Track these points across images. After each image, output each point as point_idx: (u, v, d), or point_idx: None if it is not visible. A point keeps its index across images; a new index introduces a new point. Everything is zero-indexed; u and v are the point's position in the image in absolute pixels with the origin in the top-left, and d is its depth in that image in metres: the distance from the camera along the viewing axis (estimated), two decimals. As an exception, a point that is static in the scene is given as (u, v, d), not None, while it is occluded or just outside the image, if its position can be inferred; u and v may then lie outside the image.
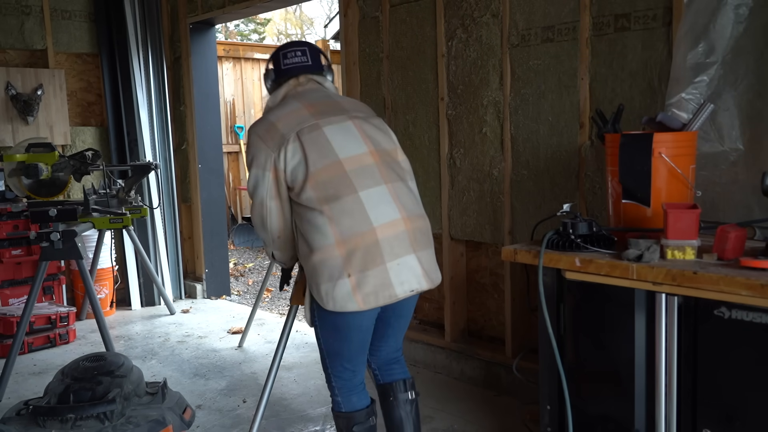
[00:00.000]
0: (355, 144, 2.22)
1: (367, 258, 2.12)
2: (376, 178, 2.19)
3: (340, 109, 2.30)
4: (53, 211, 3.78)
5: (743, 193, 2.44)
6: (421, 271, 2.20)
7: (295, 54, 2.40)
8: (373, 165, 2.21)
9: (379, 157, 2.24)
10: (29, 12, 5.04)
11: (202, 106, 5.49)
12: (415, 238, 2.21)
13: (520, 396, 3.33)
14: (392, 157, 2.28)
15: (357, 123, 2.27)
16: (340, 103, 2.33)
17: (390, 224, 2.16)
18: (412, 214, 2.23)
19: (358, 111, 2.33)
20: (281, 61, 2.42)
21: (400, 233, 2.17)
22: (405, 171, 2.31)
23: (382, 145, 2.27)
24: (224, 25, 11.00)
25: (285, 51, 2.43)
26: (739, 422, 1.88)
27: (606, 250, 2.15)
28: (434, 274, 2.27)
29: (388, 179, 2.21)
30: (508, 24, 3.30)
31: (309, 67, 2.39)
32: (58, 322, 4.45)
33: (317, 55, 2.43)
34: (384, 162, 2.23)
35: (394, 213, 2.18)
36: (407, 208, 2.22)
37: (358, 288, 2.12)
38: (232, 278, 6.24)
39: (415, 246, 2.20)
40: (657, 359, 2.01)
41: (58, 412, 2.62)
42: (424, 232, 2.26)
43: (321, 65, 2.43)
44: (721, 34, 2.46)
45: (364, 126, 2.28)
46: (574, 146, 3.12)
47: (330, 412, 3.40)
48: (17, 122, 4.94)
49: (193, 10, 5.29)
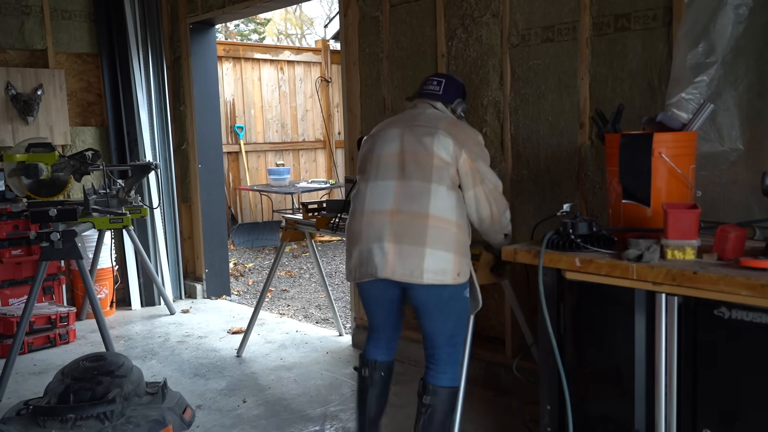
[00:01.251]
0: (393, 145, 2.55)
1: (355, 237, 2.53)
2: (391, 174, 2.50)
3: (407, 120, 2.61)
4: (53, 211, 3.78)
5: (743, 193, 2.44)
6: (388, 261, 2.42)
7: (429, 83, 2.78)
8: (395, 163, 2.51)
9: (406, 157, 2.50)
10: (29, 12, 5.05)
11: (202, 106, 5.49)
12: (398, 230, 2.42)
13: (520, 396, 3.33)
14: (435, 162, 2.46)
15: (406, 130, 2.55)
16: (414, 118, 2.62)
17: (378, 212, 2.47)
18: (406, 209, 2.43)
19: (434, 126, 2.53)
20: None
21: (383, 222, 2.44)
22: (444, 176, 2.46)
23: (415, 149, 2.49)
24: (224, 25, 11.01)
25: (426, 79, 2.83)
26: (739, 422, 1.88)
27: (606, 250, 2.15)
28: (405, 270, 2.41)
29: (403, 176, 2.48)
30: (508, 24, 3.30)
31: (428, 94, 2.72)
32: (58, 322, 4.45)
33: (445, 86, 2.73)
34: (410, 161, 2.48)
35: (387, 204, 2.46)
36: (404, 202, 2.44)
37: (348, 261, 2.60)
38: (232, 278, 6.24)
39: (394, 237, 2.42)
40: (657, 359, 2.01)
41: (58, 412, 2.62)
42: (422, 226, 2.40)
43: (437, 95, 2.70)
44: (721, 34, 2.46)
45: (410, 133, 2.54)
46: (574, 146, 3.12)
47: (329, 412, 3.41)
48: (17, 122, 4.94)
49: (193, 10, 5.29)
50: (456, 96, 2.75)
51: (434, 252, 2.39)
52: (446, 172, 2.46)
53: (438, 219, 2.41)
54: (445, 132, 2.50)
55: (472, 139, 2.57)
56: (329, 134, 9.24)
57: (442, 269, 2.41)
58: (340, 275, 6.63)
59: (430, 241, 2.39)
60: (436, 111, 2.67)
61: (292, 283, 6.40)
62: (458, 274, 2.46)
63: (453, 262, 2.42)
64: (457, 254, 2.44)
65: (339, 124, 9.13)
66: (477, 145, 2.57)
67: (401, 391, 3.56)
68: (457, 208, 2.48)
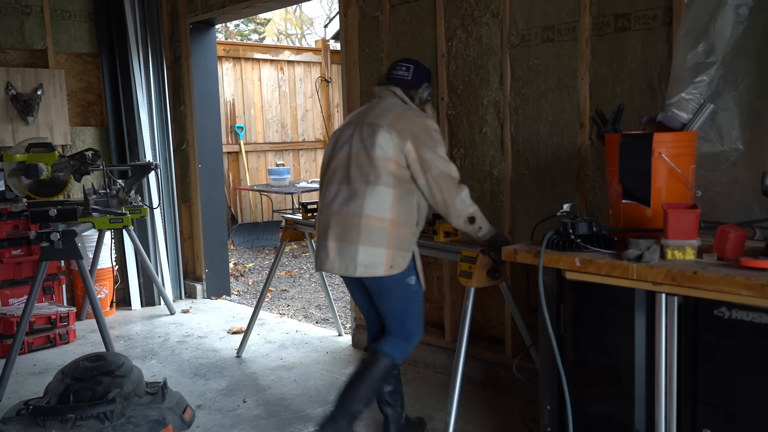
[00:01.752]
0: (344, 148, 2.76)
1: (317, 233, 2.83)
2: (338, 178, 2.74)
3: (360, 119, 2.77)
4: (53, 211, 3.78)
5: (743, 193, 2.44)
6: (330, 258, 2.71)
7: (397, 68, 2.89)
8: (343, 166, 2.74)
9: (351, 160, 2.71)
10: (29, 12, 5.05)
11: (202, 106, 5.49)
12: (338, 230, 2.69)
13: (520, 396, 3.33)
14: (377, 161, 2.64)
15: (356, 131, 2.74)
16: (366, 114, 2.77)
17: (328, 213, 2.75)
18: (345, 210, 2.68)
19: (381, 121, 2.69)
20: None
21: (330, 222, 2.73)
22: (384, 176, 2.63)
23: (372, 151, 2.65)
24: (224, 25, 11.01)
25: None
26: (739, 422, 1.88)
27: (606, 250, 2.15)
28: (344, 265, 2.68)
29: (357, 179, 2.67)
30: (508, 24, 3.30)
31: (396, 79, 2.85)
32: (58, 322, 4.45)
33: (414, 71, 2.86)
34: (363, 163, 2.67)
35: (333, 206, 2.73)
36: (344, 204, 2.69)
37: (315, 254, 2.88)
38: (232, 278, 6.24)
39: (335, 236, 2.69)
40: (657, 359, 2.01)
41: (58, 412, 2.62)
42: (355, 227, 2.64)
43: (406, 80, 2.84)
44: (721, 34, 2.46)
45: (359, 135, 2.72)
46: (574, 146, 3.12)
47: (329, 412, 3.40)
48: (17, 122, 4.94)
49: (193, 10, 5.29)
50: (423, 81, 2.87)
51: (366, 248, 2.63)
52: (385, 171, 2.63)
53: (371, 218, 2.63)
54: (388, 128, 2.65)
55: (419, 127, 2.67)
56: (329, 134, 9.24)
57: (372, 263, 2.64)
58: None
59: (362, 238, 2.63)
60: (392, 101, 2.80)
61: (292, 283, 6.40)
62: (391, 266, 2.66)
63: (384, 256, 2.64)
64: (390, 249, 2.65)
65: (339, 124, 9.13)
66: (424, 134, 2.66)
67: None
68: (396, 205, 2.65)
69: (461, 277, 2.93)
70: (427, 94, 2.87)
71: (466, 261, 2.91)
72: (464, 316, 2.93)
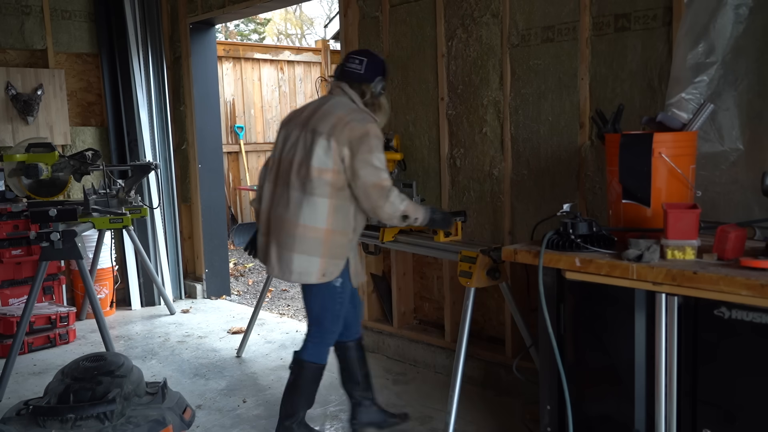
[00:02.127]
0: (289, 152, 2.78)
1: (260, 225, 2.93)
2: (284, 179, 2.78)
3: (305, 121, 2.78)
4: (53, 211, 3.78)
5: (743, 193, 2.44)
6: (272, 263, 2.82)
7: (351, 60, 2.86)
8: (286, 171, 2.78)
9: (293, 167, 2.75)
10: (29, 12, 5.04)
11: (202, 106, 5.49)
12: (279, 237, 2.77)
13: (520, 396, 3.33)
14: (313, 173, 2.69)
15: (301, 136, 2.76)
16: (318, 117, 2.76)
17: (272, 214, 2.82)
18: (285, 217, 2.75)
19: (322, 127, 2.71)
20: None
21: (272, 224, 2.81)
22: (319, 186, 2.69)
23: (309, 161, 2.69)
24: (224, 25, 11.00)
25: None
26: (739, 422, 1.88)
27: (606, 250, 2.15)
28: (282, 271, 2.78)
29: (296, 187, 2.72)
30: (508, 24, 3.30)
31: (349, 73, 2.84)
32: (58, 322, 4.44)
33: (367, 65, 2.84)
34: (302, 171, 2.71)
35: (277, 209, 2.79)
36: (285, 211, 2.75)
37: None
38: (232, 278, 6.24)
39: (276, 242, 2.78)
40: (657, 359, 2.01)
41: (58, 412, 2.62)
42: (292, 236, 2.73)
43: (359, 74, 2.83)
44: (721, 34, 2.46)
45: (303, 140, 2.75)
46: (574, 146, 3.12)
47: (329, 412, 3.41)
48: (17, 122, 4.94)
49: (193, 10, 5.29)
50: (376, 74, 2.85)
51: (300, 256, 2.73)
52: (322, 181, 2.69)
53: (306, 228, 2.71)
54: (327, 136, 2.68)
55: (357, 134, 2.67)
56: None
57: (306, 271, 2.75)
58: (340, 275, 6.63)
59: (297, 247, 2.72)
60: (338, 101, 2.81)
61: (292, 283, 6.40)
62: (323, 275, 2.76)
63: (318, 265, 2.74)
64: (323, 258, 2.74)
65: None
66: (361, 141, 2.67)
67: (401, 392, 3.56)
68: (331, 215, 2.71)
69: (461, 277, 2.94)
70: (380, 87, 2.86)
71: (466, 261, 2.92)
72: (464, 316, 2.93)
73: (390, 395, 3.51)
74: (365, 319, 4.22)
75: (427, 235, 3.32)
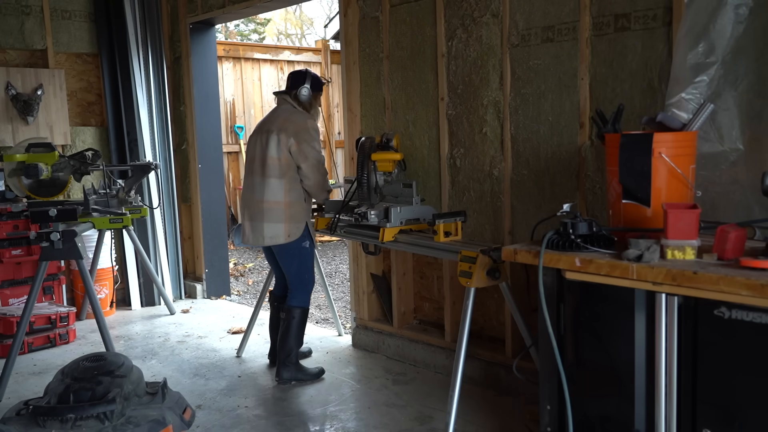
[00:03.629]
0: (253, 150, 3.67)
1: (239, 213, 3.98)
2: (250, 172, 3.68)
3: (262, 126, 3.67)
4: (53, 211, 3.78)
5: (743, 193, 2.44)
6: (246, 233, 3.68)
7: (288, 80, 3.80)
8: (251, 164, 3.67)
9: (256, 160, 3.62)
10: (29, 12, 5.05)
11: (202, 106, 5.49)
12: (250, 212, 3.63)
13: (520, 396, 3.33)
14: (268, 161, 3.55)
15: (260, 137, 3.63)
16: (270, 121, 3.65)
17: (245, 199, 3.70)
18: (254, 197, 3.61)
19: (273, 127, 3.57)
20: None
21: (246, 206, 3.68)
22: (273, 171, 3.54)
23: (266, 152, 3.57)
24: (224, 25, 11.00)
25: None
26: (739, 422, 1.88)
27: (606, 250, 2.15)
28: (255, 239, 3.63)
29: (258, 173, 3.60)
30: (508, 24, 3.30)
31: (283, 91, 3.77)
32: (58, 322, 4.44)
33: (289, 78, 3.76)
34: (260, 162, 3.59)
35: (247, 194, 3.69)
36: (254, 192, 3.61)
37: None
38: (232, 278, 6.24)
39: (249, 217, 3.64)
40: (657, 359, 2.01)
41: (58, 412, 2.61)
42: (260, 210, 3.58)
43: (287, 89, 3.72)
44: (721, 34, 2.46)
45: (261, 140, 3.61)
46: (574, 146, 3.12)
47: (329, 412, 3.41)
48: (17, 122, 4.94)
49: (193, 10, 5.29)
50: (298, 83, 3.66)
51: (269, 224, 3.57)
52: (276, 165, 3.53)
53: (270, 203, 3.56)
54: (277, 132, 3.54)
55: (299, 127, 3.54)
56: (329, 134, 9.24)
57: (275, 234, 3.58)
58: (340, 275, 6.63)
59: (266, 217, 3.57)
60: (283, 108, 3.68)
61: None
62: (288, 235, 3.59)
63: (283, 229, 3.57)
64: (286, 223, 3.57)
65: (339, 124, 9.13)
66: (303, 131, 3.53)
67: (401, 391, 3.56)
68: (288, 191, 3.56)
69: (461, 277, 2.94)
70: (305, 92, 3.63)
71: (466, 261, 2.92)
72: (464, 316, 2.93)
73: (390, 395, 3.51)
74: (365, 318, 4.23)
75: (427, 235, 3.31)
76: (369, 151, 3.47)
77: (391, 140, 3.50)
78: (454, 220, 3.19)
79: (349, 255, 4.40)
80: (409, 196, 3.47)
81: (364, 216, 3.40)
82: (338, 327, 4.58)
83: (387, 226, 3.34)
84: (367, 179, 3.47)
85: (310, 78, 3.67)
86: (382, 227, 3.36)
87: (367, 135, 3.75)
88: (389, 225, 3.34)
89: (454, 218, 3.19)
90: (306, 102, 3.65)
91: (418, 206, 3.44)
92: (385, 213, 3.37)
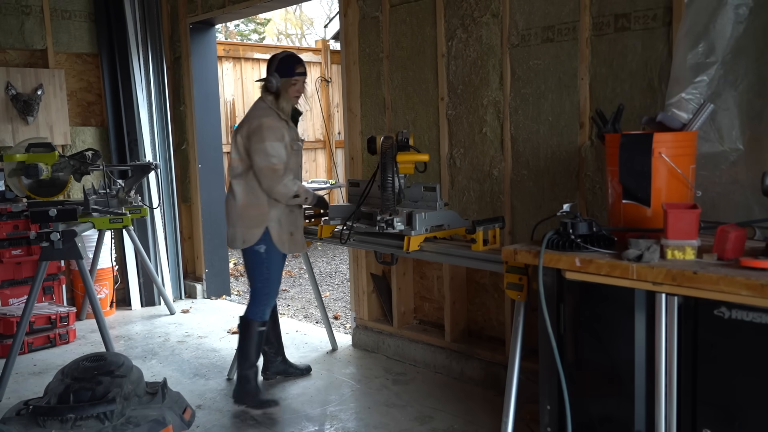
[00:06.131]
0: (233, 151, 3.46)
1: None
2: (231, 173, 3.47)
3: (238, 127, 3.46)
4: (53, 211, 3.78)
5: (743, 193, 2.44)
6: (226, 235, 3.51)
7: None
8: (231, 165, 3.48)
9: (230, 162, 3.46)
10: (29, 12, 5.04)
11: (202, 106, 5.49)
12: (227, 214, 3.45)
13: (520, 396, 3.33)
14: (231, 161, 3.41)
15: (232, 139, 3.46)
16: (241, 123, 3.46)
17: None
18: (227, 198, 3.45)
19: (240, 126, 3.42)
20: None
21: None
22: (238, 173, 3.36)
23: (231, 154, 3.43)
24: (224, 25, 11.00)
25: None
26: (739, 422, 1.88)
27: (606, 250, 2.15)
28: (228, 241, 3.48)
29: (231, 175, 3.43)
30: (508, 24, 3.30)
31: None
32: (58, 322, 4.44)
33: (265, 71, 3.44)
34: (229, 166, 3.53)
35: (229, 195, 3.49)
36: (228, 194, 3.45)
37: None
38: (232, 278, 6.24)
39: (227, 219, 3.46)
40: (657, 359, 2.01)
41: (58, 412, 2.61)
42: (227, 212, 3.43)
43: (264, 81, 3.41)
44: (721, 34, 2.46)
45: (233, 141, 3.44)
46: (574, 146, 3.12)
47: (329, 412, 3.41)
48: (17, 122, 4.94)
49: (193, 10, 5.29)
50: (268, 74, 3.38)
51: (230, 228, 3.43)
52: (236, 166, 3.37)
53: (230, 204, 3.41)
54: (240, 132, 3.38)
55: (253, 127, 3.31)
56: (329, 134, 9.24)
57: (233, 238, 3.42)
58: (340, 275, 6.63)
59: (229, 221, 3.43)
60: (256, 105, 3.44)
61: (292, 283, 6.40)
62: (243, 241, 3.36)
63: (239, 234, 3.37)
64: (241, 228, 3.37)
65: (339, 124, 9.13)
66: (256, 130, 3.28)
67: (401, 391, 3.56)
68: (245, 193, 3.35)
69: (509, 290, 2.58)
70: (274, 81, 3.34)
71: (514, 272, 2.54)
72: (515, 333, 2.59)
73: (390, 395, 3.51)
74: (366, 318, 4.23)
75: (460, 243, 2.99)
76: (393, 152, 3.02)
77: (408, 139, 3.15)
78: (493, 226, 2.88)
79: (349, 255, 4.39)
80: (432, 201, 3.13)
81: (390, 224, 2.93)
82: (332, 340, 4.31)
83: (411, 234, 2.94)
84: (391, 183, 2.98)
85: (277, 62, 3.35)
86: (406, 235, 2.95)
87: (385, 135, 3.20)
88: (414, 233, 2.93)
89: (494, 224, 2.88)
90: (275, 91, 3.35)
91: (443, 211, 3.09)
92: (408, 219, 2.96)
